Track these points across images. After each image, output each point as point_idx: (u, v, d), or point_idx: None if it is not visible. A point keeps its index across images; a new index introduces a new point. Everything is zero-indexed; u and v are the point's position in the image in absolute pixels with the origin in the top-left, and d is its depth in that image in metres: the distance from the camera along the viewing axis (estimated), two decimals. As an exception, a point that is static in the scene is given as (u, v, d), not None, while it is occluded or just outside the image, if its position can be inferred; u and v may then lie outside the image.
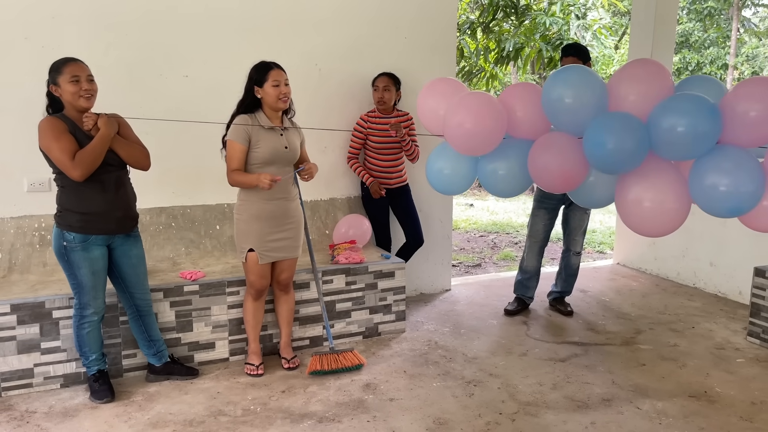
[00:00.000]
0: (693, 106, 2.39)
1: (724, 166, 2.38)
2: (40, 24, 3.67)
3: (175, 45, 3.97)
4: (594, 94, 2.62)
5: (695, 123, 2.36)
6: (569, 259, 4.54)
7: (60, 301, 3.23)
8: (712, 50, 19.27)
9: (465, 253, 7.30)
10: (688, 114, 2.38)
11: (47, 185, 3.69)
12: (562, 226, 4.52)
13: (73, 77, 2.87)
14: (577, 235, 4.46)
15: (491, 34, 10.11)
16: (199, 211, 4.17)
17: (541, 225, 4.40)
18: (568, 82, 2.67)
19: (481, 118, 2.78)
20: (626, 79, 2.62)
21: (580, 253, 4.54)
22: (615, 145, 2.49)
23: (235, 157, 3.20)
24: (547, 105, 2.71)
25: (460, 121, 2.79)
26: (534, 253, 4.49)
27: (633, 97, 2.57)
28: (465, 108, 2.82)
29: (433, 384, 3.36)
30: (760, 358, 3.71)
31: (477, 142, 2.82)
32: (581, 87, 2.64)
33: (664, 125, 2.41)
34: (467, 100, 2.86)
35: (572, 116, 2.66)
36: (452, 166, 3.02)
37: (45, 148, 2.88)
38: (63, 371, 3.28)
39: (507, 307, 4.55)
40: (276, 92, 3.18)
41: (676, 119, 2.38)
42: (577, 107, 2.64)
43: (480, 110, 2.80)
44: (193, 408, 3.08)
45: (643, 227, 2.62)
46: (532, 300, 4.63)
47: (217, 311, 3.57)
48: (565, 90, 2.65)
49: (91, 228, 2.98)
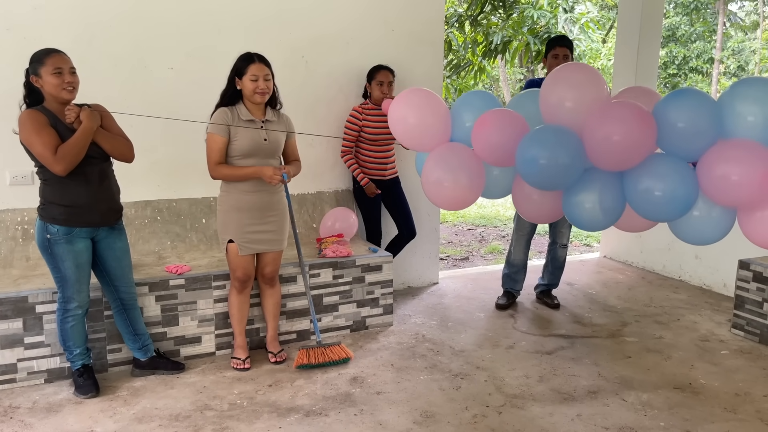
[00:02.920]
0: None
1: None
2: (21, 15, 3.61)
3: (159, 37, 3.93)
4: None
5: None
6: (556, 251, 4.55)
7: (43, 295, 3.19)
8: (699, 44, 19.38)
9: (453, 247, 7.31)
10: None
11: (30, 178, 3.64)
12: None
13: (56, 69, 2.82)
14: (563, 227, 4.47)
15: (479, 27, 10.09)
16: (184, 205, 4.14)
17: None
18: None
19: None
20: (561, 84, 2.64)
21: (566, 245, 4.55)
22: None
23: (216, 149, 3.18)
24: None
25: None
26: (521, 246, 4.50)
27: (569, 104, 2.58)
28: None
29: (420, 377, 3.36)
30: (743, 349, 3.75)
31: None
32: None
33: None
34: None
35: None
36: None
37: (26, 142, 2.84)
38: (47, 366, 3.25)
39: (498, 301, 4.56)
40: (253, 86, 3.15)
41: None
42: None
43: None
44: (179, 402, 3.06)
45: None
46: (520, 293, 4.65)
47: (203, 305, 3.55)
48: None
49: (75, 220, 2.94)
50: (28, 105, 2.90)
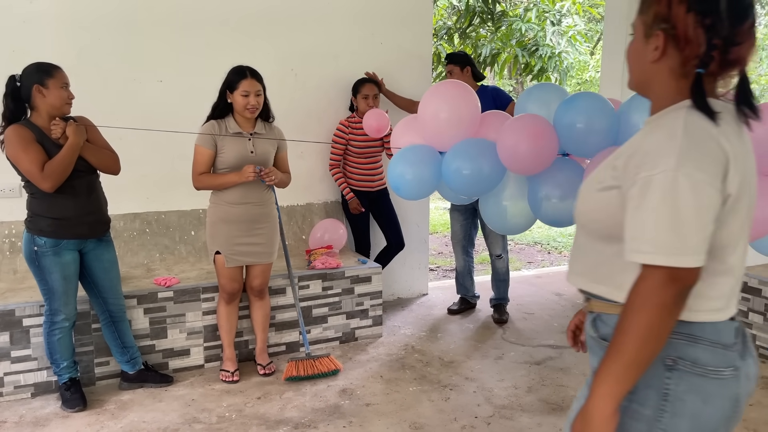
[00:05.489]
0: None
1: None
2: (11, 28, 3.62)
3: (148, 50, 3.94)
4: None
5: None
6: (494, 263, 4.51)
7: (30, 308, 3.18)
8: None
9: (443, 257, 7.33)
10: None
11: (17, 191, 3.63)
12: (482, 230, 4.51)
13: (64, 83, 2.88)
14: (493, 237, 4.40)
15: (468, 39, 10.18)
16: (173, 217, 4.13)
17: (458, 226, 4.52)
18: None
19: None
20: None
21: (501, 256, 4.45)
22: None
23: (201, 162, 3.20)
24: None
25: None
26: (459, 253, 4.59)
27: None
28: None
29: (410, 388, 3.36)
30: (730, 359, 3.77)
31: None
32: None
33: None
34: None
35: None
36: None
37: (13, 159, 2.83)
38: (34, 380, 3.23)
39: (450, 306, 4.66)
40: (243, 102, 3.17)
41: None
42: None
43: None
44: (168, 416, 3.05)
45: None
46: (477, 298, 4.70)
47: (191, 318, 3.54)
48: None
49: (63, 232, 2.94)
50: (9, 120, 2.86)
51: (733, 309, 1.26)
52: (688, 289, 1.14)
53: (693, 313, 1.20)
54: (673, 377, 1.21)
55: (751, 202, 1.25)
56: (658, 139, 1.15)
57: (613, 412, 1.16)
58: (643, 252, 1.13)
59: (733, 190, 1.15)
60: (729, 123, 1.19)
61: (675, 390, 1.20)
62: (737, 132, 1.20)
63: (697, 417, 1.21)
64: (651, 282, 1.13)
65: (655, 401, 1.21)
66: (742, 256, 1.25)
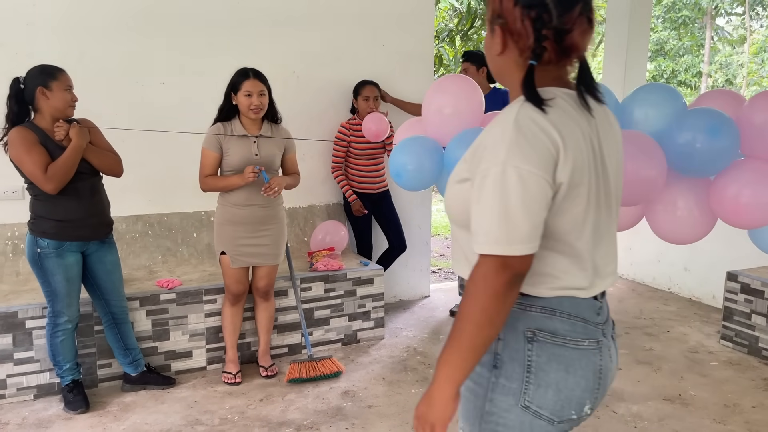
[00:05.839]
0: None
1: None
2: (14, 31, 3.63)
3: (151, 52, 3.95)
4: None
5: None
6: None
7: (33, 310, 3.18)
8: (687, 58, 19.60)
9: (444, 259, 7.32)
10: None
11: (20, 193, 3.64)
12: None
13: (68, 85, 2.89)
14: None
15: (469, 41, 10.20)
16: (176, 219, 4.14)
17: None
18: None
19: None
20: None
21: None
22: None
23: (207, 164, 3.22)
24: None
25: None
26: None
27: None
28: None
29: (412, 390, 3.36)
30: (732, 361, 3.77)
31: None
32: None
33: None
34: None
35: None
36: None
37: (16, 161, 2.84)
38: (36, 382, 3.23)
39: (452, 308, 4.65)
40: (247, 102, 3.17)
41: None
42: None
43: None
44: (170, 418, 3.05)
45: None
46: None
47: (194, 319, 3.54)
48: None
49: (66, 234, 2.95)
50: (12, 123, 2.87)
51: (596, 290, 1.31)
52: (520, 276, 1.18)
53: (548, 290, 1.26)
54: (534, 348, 1.26)
55: (606, 187, 1.29)
56: (494, 134, 1.20)
57: (453, 394, 1.21)
58: (479, 243, 1.18)
59: (565, 179, 1.18)
60: (566, 110, 1.22)
61: (537, 361, 1.25)
62: (576, 119, 1.23)
63: (561, 386, 1.26)
64: (484, 270, 1.17)
65: (519, 374, 1.26)
66: (592, 239, 1.28)
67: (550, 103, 1.20)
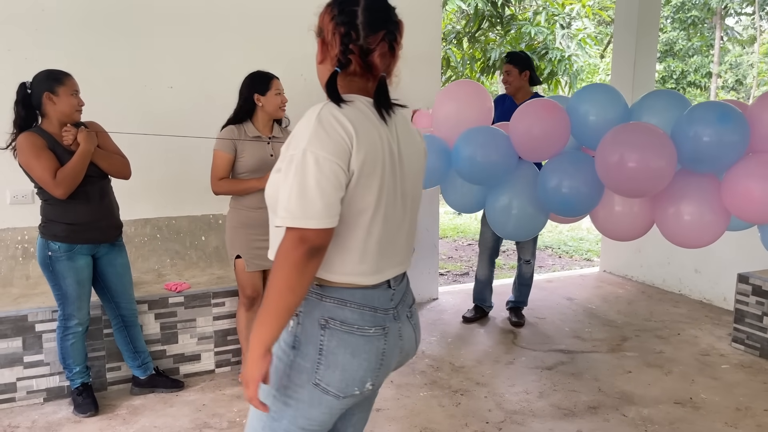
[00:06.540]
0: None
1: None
2: (23, 36, 3.65)
3: (159, 56, 3.97)
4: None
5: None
6: (521, 268, 4.54)
7: (43, 314, 3.20)
8: (696, 59, 19.51)
9: (453, 262, 7.31)
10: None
11: (30, 197, 3.66)
12: None
13: (75, 90, 2.90)
14: (526, 243, 4.42)
15: (477, 43, 10.18)
16: (184, 222, 4.15)
17: (489, 234, 4.40)
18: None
19: None
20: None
21: (530, 261, 4.49)
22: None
23: (220, 166, 3.20)
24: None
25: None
26: (484, 262, 4.53)
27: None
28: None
29: (420, 393, 3.35)
30: (744, 363, 3.74)
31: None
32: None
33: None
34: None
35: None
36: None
37: (25, 166, 2.85)
38: (46, 385, 3.24)
39: (465, 314, 4.60)
40: (278, 100, 3.21)
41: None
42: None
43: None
44: (178, 421, 3.06)
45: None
46: (491, 308, 4.67)
47: (202, 323, 3.55)
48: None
49: (77, 237, 2.96)
50: (20, 128, 2.88)
51: (381, 277, 1.49)
52: (318, 249, 1.34)
53: (338, 276, 1.45)
54: (326, 335, 1.44)
55: (402, 186, 1.49)
56: (301, 126, 1.40)
57: (263, 353, 1.36)
58: (281, 217, 1.34)
59: (356, 167, 1.37)
60: (363, 112, 1.44)
61: (328, 345, 1.44)
62: (374, 121, 1.45)
63: (346, 368, 1.45)
64: (286, 242, 1.33)
65: (312, 356, 1.45)
66: (382, 230, 1.46)
67: (350, 104, 1.42)
